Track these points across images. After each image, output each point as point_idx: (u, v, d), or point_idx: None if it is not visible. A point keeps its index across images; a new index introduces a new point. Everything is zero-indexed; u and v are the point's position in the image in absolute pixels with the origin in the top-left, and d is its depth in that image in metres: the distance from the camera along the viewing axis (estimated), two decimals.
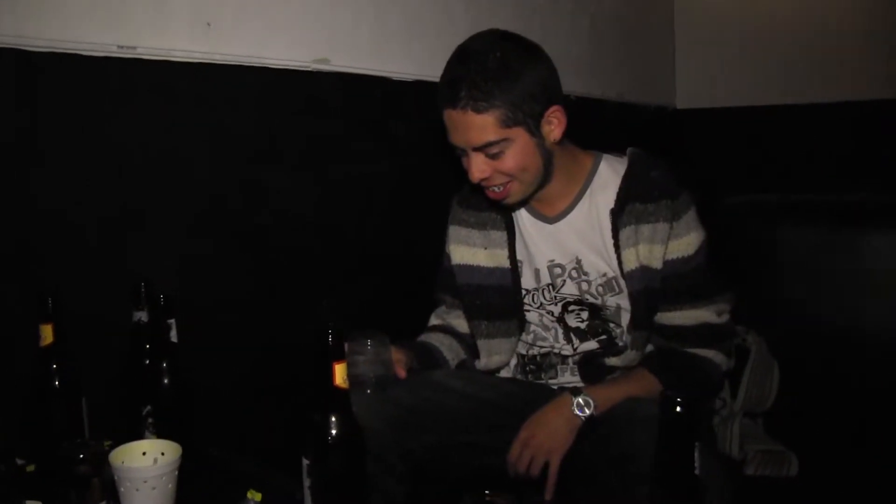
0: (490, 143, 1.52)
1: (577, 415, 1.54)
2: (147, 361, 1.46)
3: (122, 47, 1.60)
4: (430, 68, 2.33)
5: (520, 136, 1.54)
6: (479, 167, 1.56)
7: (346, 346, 1.47)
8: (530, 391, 1.71)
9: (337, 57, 2.04)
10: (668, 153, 3.39)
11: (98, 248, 1.63)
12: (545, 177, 1.62)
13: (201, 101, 1.78)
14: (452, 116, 1.53)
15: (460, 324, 1.86)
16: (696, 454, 0.79)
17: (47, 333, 1.37)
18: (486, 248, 1.75)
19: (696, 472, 0.79)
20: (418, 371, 1.70)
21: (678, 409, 0.79)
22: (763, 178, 3.26)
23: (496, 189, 1.60)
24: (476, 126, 1.51)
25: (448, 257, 1.82)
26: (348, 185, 2.12)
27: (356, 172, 2.14)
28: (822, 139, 3.18)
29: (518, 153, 1.55)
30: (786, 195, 2.14)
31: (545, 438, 1.53)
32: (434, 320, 1.92)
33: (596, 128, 2.05)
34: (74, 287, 1.55)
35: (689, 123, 3.62)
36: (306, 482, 1.15)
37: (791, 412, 1.88)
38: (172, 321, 1.41)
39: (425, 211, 1.89)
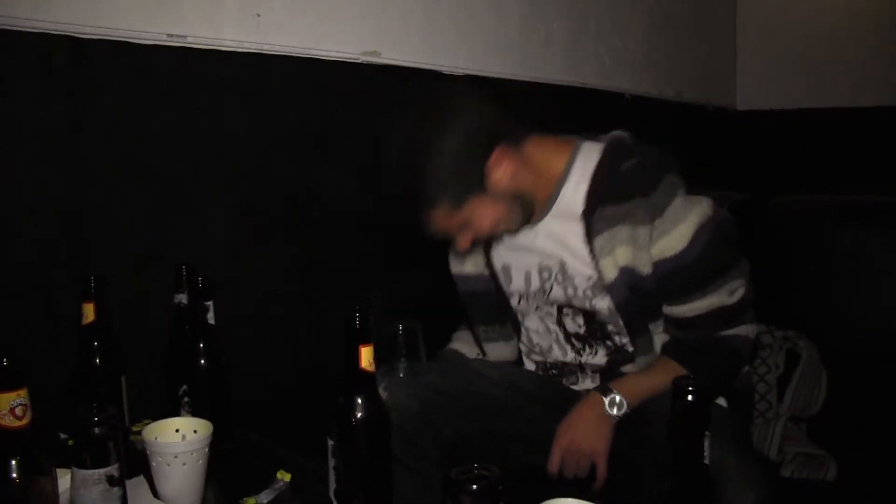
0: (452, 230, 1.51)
1: (611, 414, 1.49)
2: (185, 342, 1.49)
3: (171, 36, 1.64)
4: (481, 63, 2.33)
5: (473, 204, 1.46)
6: (463, 242, 1.52)
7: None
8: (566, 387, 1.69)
9: (387, 50, 2.05)
10: (726, 154, 3.38)
11: (144, 233, 1.66)
12: (524, 205, 1.53)
13: (250, 91, 1.80)
14: None
15: None
16: (707, 443, 0.77)
17: (89, 312, 1.40)
18: (469, 256, 1.73)
19: (706, 461, 0.77)
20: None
21: (689, 396, 0.77)
22: (820, 180, 3.17)
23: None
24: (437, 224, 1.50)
25: None
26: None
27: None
28: (883, 142, 3.09)
29: (483, 216, 1.48)
30: (838, 196, 2.07)
31: (585, 441, 1.47)
32: None
33: (652, 127, 2.01)
34: (121, 269, 1.60)
35: (750, 125, 3.55)
36: (331, 462, 1.16)
37: (837, 419, 1.83)
38: (210, 303, 1.43)
39: None
